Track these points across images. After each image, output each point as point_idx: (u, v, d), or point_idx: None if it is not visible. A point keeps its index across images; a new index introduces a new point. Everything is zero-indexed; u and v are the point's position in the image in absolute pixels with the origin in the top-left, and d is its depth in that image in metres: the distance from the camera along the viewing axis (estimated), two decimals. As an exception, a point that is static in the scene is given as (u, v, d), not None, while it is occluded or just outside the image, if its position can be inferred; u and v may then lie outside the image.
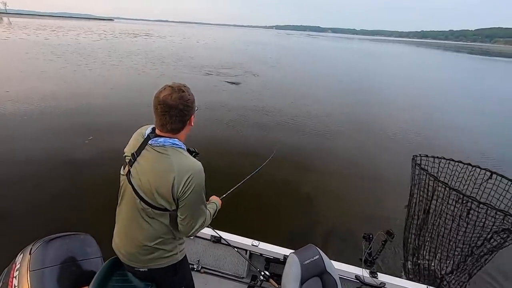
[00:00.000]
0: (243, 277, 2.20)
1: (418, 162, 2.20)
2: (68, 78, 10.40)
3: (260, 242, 2.08)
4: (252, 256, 2.16)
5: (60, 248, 1.32)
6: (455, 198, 1.88)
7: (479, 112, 10.24)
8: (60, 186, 3.85)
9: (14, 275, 1.19)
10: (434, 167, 2.28)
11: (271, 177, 4.44)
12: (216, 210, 1.41)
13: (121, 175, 1.17)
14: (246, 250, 2.10)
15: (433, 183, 1.99)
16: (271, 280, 1.85)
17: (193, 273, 1.59)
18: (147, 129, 1.14)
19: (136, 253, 1.17)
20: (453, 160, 2.16)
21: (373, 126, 7.53)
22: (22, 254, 1.28)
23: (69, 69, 11.97)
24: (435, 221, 2.10)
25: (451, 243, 2.04)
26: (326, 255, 1.61)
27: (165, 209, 1.10)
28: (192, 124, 1.16)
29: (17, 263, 1.24)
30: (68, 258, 1.31)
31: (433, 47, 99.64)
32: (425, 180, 2.08)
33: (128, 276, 1.29)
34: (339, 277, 1.59)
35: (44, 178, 4.00)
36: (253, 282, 2.17)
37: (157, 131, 1.12)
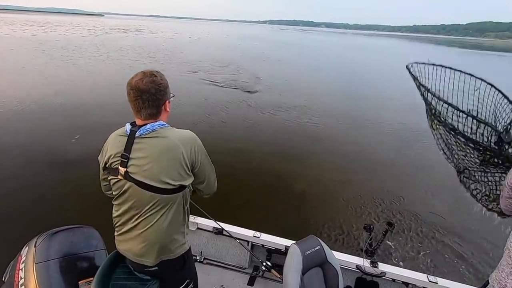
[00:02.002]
0: (245, 268, 2.23)
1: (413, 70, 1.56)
2: (50, 74, 10.10)
3: (262, 233, 2.10)
4: (254, 247, 2.19)
5: (65, 241, 1.32)
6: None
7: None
8: (46, 187, 3.70)
9: (20, 268, 1.19)
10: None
11: (271, 172, 4.47)
12: None
13: (114, 184, 1.13)
14: (248, 241, 2.13)
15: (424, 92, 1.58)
16: (272, 270, 1.88)
17: (196, 264, 1.61)
18: (126, 127, 1.12)
19: (152, 249, 1.15)
20: (451, 69, 1.49)
21: (368, 121, 7.61)
22: (27, 247, 1.28)
23: (52, 65, 11.65)
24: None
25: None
26: (327, 245, 1.62)
27: (181, 187, 1.11)
28: (168, 110, 1.16)
29: (23, 256, 1.24)
30: (72, 250, 1.32)
31: (425, 41, 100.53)
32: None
33: (132, 268, 1.30)
34: (340, 267, 1.61)
35: (28, 180, 3.83)
36: (255, 272, 2.20)
37: (137, 122, 1.12)
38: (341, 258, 1.92)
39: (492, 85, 1.37)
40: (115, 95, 8.10)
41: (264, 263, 1.91)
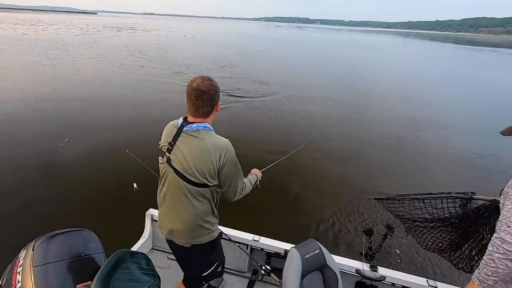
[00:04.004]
0: (244, 272, 2.22)
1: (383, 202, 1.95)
2: (37, 73, 9.92)
3: (261, 237, 2.08)
4: (253, 250, 2.16)
5: (63, 244, 1.30)
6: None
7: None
8: (33, 194, 3.56)
9: (18, 271, 1.17)
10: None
11: (271, 175, 4.41)
12: (256, 180, 1.65)
13: (160, 164, 1.37)
14: (247, 245, 2.10)
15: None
16: (272, 274, 1.86)
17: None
18: (179, 120, 1.31)
19: (182, 230, 1.36)
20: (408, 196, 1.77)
21: (364, 119, 7.63)
22: (25, 250, 1.26)
23: (39, 64, 11.46)
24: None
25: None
26: (326, 249, 1.62)
27: (206, 185, 1.28)
28: (218, 110, 1.35)
29: (20, 259, 1.22)
30: (71, 253, 1.30)
31: (420, 37, 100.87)
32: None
33: (131, 270, 1.30)
34: (340, 271, 1.60)
35: (14, 187, 3.68)
36: (254, 276, 2.19)
37: (189, 118, 1.30)
38: (340, 262, 1.91)
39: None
40: (104, 95, 7.96)
41: (263, 267, 1.90)
